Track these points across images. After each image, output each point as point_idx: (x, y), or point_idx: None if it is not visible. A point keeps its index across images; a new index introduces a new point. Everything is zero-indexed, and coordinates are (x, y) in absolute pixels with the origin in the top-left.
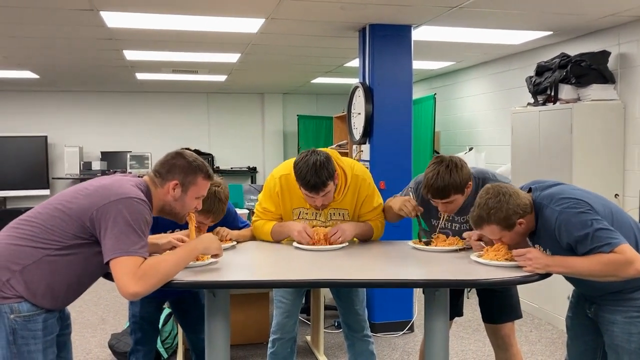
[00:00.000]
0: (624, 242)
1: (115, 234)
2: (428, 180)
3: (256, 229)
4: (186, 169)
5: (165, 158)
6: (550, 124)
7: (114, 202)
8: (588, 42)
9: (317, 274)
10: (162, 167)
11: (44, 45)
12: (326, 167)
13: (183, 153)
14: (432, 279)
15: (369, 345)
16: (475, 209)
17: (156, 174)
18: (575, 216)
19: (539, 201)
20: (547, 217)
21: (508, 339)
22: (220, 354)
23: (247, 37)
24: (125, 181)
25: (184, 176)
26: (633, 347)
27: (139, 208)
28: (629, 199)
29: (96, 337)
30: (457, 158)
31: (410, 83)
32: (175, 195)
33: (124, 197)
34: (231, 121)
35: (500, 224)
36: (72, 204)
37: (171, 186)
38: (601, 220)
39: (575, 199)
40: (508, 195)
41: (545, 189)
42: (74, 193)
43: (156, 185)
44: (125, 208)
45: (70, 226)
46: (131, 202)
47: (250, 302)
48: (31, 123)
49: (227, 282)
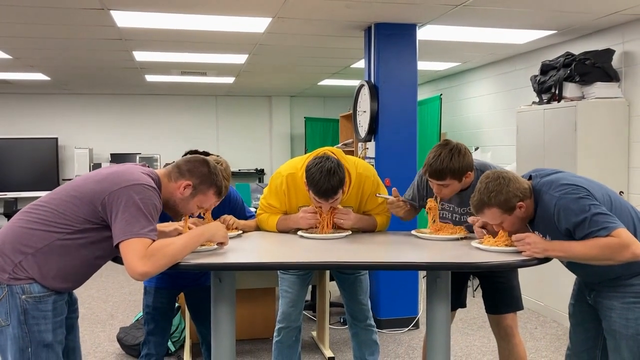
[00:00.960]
0: (621, 227)
1: (125, 218)
2: (429, 159)
3: (261, 222)
4: (205, 177)
5: (192, 159)
6: (554, 122)
7: (125, 187)
8: (592, 41)
9: (321, 257)
10: (185, 165)
11: (55, 46)
12: (338, 175)
13: (209, 162)
14: (433, 261)
15: (372, 335)
16: (475, 194)
17: (176, 169)
18: (573, 202)
19: (539, 187)
20: (546, 202)
21: (510, 329)
22: (226, 342)
23: (254, 37)
24: (137, 169)
25: (199, 182)
26: (630, 332)
27: (149, 194)
28: (633, 197)
29: (105, 331)
30: (463, 145)
31: (415, 81)
32: (183, 195)
33: (135, 183)
34: (239, 124)
35: (501, 207)
36: (84, 190)
37: (183, 185)
38: (599, 205)
39: (573, 185)
40: (508, 179)
41: (544, 176)
42: (86, 179)
43: (170, 178)
44: (135, 194)
45: (82, 210)
46: (142, 188)
47: (257, 297)
48: (42, 125)
49: (233, 264)
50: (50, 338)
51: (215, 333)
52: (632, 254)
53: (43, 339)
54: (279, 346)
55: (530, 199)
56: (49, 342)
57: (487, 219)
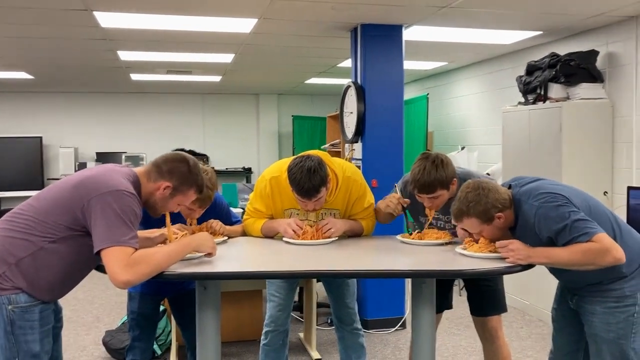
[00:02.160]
0: (601, 232)
1: (105, 225)
2: (415, 175)
3: (247, 227)
4: (184, 177)
5: (171, 158)
6: (540, 123)
7: (104, 194)
8: (577, 42)
9: (306, 266)
10: (165, 164)
11: (38, 46)
12: (319, 173)
13: (189, 160)
14: (418, 269)
15: (358, 338)
16: (455, 202)
17: (155, 168)
18: (552, 210)
19: (518, 197)
20: (526, 212)
21: (495, 331)
22: (211, 348)
23: (240, 37)
24: (115, 172)
25: (179, 183)
26: (611, 336)
27: (128, 201)
28: (617, 197)
29: (90, 335)
30: (443, 155)
31: (401, 82)
32: (163, 195)
33: (114, 189)
34: (226, 122)
35: (480, 217)
36: (63, 196)
37: (163, 186)
38: (578, 212)
39: (552, 193)
40: (487, 189)
41: (524, 185)
42: (65, 184)
43: (149, 178)
44: (114, 201)
45: (62, 218)
46: (121, 194)
47: (244, 299)
48: (26, 124)
49: (217, 273)
50: (38, 348)
51: (200, 339)
52: (613, 258)
53: (30, 349)
54: (266, 349)
55: (510, 209)
56: (36, 352)
57: (467, 228)
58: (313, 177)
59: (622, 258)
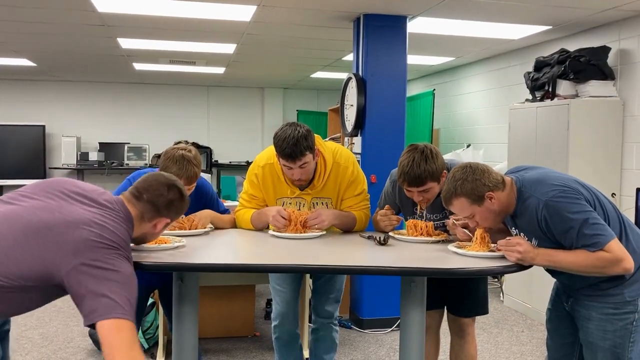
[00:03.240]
0: (612, 238)
1: (106, 289)
2: (403, 167)
3: (237, 219)
4: (181, 206)
5: (162, 191)
6: (547, 121)
7: (102, 249)
8: (588, 38)
9: (291, 259)
10: (158, 199)
11: (37, 31)
12: (305, 138)
13: (176, 183)
14: (408, 266)
15: (332, 332)
16: (444, 185)
17: (150, 207)
18: (561, 207)
19: (521, 186)
20: (530, 205)
21: (466, 326)
22: (188, 344)
23: (241, 26)
24: (107, 216)
25: (176, 214)
26: (608, 344)
27: (123, 257)
28: (625, 199)
29: (79, 326)
30: (432, 145)
31: (404, 75)
32: (158, 230)
33: (115, 245)
34: (231, 115)
35: (469, 196)
36: (39, 243)
37: (162, 224)
38: (590, 211)
39: (562, 187)
40: (475, 168)
41: (526, 172)
42: (52, 214)
43: (144, 219)
44: (113, 257)
45: (33, 268)
46: (117, 254)
47: (236, 294)
48: (29, 112)
49: (195, 265)
50: None
51: (176, 335)
52: (623, 269)
53: None
54: (278, 344)
55: (503, 191)
56: None
57: (457, 211)
58: (299, 140)
59: (631, 269)
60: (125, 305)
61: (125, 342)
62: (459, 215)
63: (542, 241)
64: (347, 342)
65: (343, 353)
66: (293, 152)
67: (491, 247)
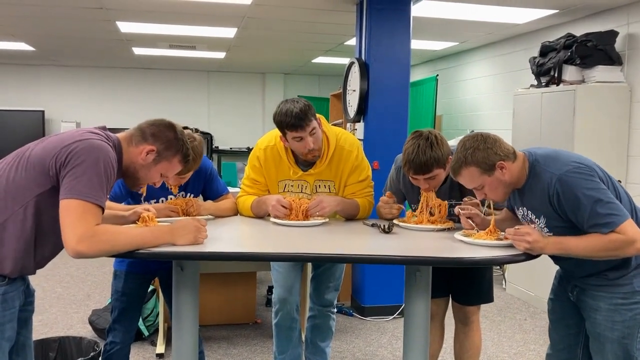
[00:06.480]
0: (626, 218)
1: (73, 176)
2: (408, 155)
3: (239, 205)
4: (170, 142)
5: (157, 122)
6: (552, 107)
7: (80, 142)
8: (595, 22)
9: (291, 248)
10: (149, 128)
11: (35, 14)
12: (307, 106)
13: (176, 126)
14: (413, 255)
15: (329, 321)
16: (454, 156)
17: (138, 132)
18: (575, 183)
19: (533, 160)
20: (543, 181)
21: (470, 315)
22: (188, 334)
23: (241, 9)
24: (90, 134)
25: (164, 148)
26: (616, 335)
27: (105, 157)
28: (632, 186)
29: (79, 313)
30: (436, 131)
31: (408, 60)
32: (146, 161)
33: (92, 144)
34: (231, 100)
35: (479, 165)
36: (33, 154)
37: (146, 150)
38: (602, 189)
39: (576, 163)
40: (487, 137)
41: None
42: (36, 145)
43: (132, 142)
44: (90, 154)
45: (32, 176)
46: (98, 149)
47: (237, 281)
48: (28, 97)
49: (195, 253)
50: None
51: (176, 324)
52: (636, 250)
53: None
54: (277, 329)
55: (514, 162)
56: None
57: (466, 182)
58: (302, 108)
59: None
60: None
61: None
62: (468, 187)
63: (551, 219)
64: (348, 329)
65: (344, 340)
66: (300, 118)
67: (499, 235)
